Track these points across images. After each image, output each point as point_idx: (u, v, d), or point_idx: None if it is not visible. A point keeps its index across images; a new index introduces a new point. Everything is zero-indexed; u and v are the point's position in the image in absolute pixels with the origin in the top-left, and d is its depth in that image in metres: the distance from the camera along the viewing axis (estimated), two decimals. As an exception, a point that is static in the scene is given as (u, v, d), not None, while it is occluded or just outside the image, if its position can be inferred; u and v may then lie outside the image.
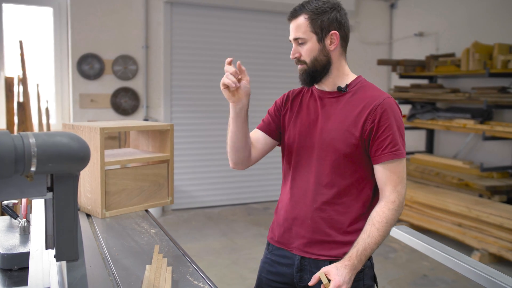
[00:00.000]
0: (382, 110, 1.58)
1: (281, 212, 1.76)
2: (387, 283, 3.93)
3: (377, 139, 1.59)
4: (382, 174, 1.60)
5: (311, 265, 1.67)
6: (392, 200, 1.58)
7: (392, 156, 1.58)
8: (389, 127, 1.58)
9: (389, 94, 1.67)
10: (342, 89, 1.65)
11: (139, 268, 1.52)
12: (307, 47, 1.62)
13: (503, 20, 5.47)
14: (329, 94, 1.68)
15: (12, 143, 0.93)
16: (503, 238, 4.24)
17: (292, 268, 1.71)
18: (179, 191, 6.01)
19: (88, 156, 1.05)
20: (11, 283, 1.44)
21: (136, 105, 5.77)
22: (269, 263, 1.79)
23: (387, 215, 1.56)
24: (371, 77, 7.05)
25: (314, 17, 1.61)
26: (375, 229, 1.55)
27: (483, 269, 1.68)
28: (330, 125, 1.63)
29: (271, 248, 1.81)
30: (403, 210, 1.62)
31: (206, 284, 1.44)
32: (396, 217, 1.58)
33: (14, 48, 5.26)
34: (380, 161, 1.59)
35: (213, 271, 4.05)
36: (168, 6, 5.76)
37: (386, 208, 1.57)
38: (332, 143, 1.61)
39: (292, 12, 1.65)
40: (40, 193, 1.06)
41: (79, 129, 2.14)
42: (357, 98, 1.63)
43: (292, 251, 1.71)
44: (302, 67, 1.65)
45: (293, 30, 1.64)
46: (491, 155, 5.59)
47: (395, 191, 1.59)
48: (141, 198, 2.25)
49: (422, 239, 1.91)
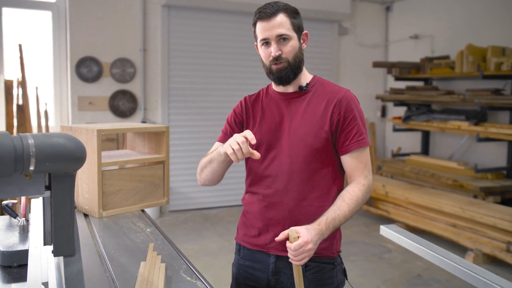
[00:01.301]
0: (346, 103, 1.65)
1: (256, 214, 1.75)
2: (382, 283, 3.98)
3: (344, 130, 1.65)
4: (351, 163, 1.66)
5: (287, 267, 1.68)
6: (362, 183, 1.64)
7: (358, 145, 1.64)
8: (354, 118, 1.65)
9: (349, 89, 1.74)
10: (304, 88, 1.71)
11: (134, 265, 1.57)
12: (291, 44, 1.64)
13: (497, 23, 5.53)
14: (291, 94, 1.72)
15: (11, 143, 0.98)
16: (496, 238, 4.30)
17: (266, 272, 1.73)
18: (176, 192, 6.06)
19: (84, 156, 1.10)
20: (11, 280, 1.49)
21: (134, 107, 5.82)
22: (243, 269, 1.80)
23: (357, 194, 1.61)
24: (367, 79, 7.13)
25: (292, 17, 1.66)
26: (345, 204, 1.59)
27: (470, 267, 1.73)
28: (298, 122, 1.67)
29: (242, 252, 1.82)
30: (370, 195, 1.68)
31: (199, 280, 1.49)
32: (365, 198, 1.63)
33: (14, 52, 5.32)
34: (349, 151, 1.65)
35: (209, 272, 4.10)
36: (165, 9, 5.82)
37: (356, 188, 1.63)
38: (303, 139, 1.65)
39: (270, 10, 1.64)
40: (39, 192, 1.11)
41: (76, 131, 2.19)
42: (319, 95, 1.69)
43: (269, 251, 1.72)
44: (283, 65, 1.65)
45: (276, 27, 1.63)
46: (486, 156, 5.65)
47: (364, 176, 1.66)
48: (137, 198, 2.30)
49: (412, 238, 1.96)
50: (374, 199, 5.86)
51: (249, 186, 1.79)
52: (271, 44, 1.64)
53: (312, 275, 1.68)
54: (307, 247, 1.45)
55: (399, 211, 5.45)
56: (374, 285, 3.94)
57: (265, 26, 1.64)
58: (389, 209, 5.60)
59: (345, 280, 1.78)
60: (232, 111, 1.84)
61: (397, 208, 5.49)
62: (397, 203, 5.47)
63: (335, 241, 1.72)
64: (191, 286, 1.44)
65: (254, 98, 1.82)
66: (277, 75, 1.66)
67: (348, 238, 5.11)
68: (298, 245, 1.45)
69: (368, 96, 7.12)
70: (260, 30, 1.67)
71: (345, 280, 1.79)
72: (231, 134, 1.76)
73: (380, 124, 7.40)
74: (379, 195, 5.71)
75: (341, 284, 1.75)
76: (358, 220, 5.83)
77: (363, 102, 7.09)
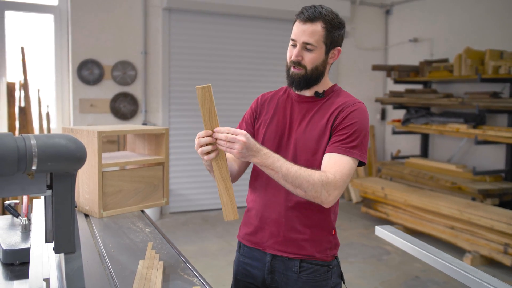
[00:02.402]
0: (352, 110, 1.64)
1: (254, 212, 1.79)
2: (379, 284, 4.01)
3: (337, 133, 1.62)
4: (327, 162, 1.59)
5: (282, 266, 1.72)
6: (327, 176, 1.54)
7: (341, 150, 1.59)
8: (352, 125, 1.61)
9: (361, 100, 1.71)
10: (319, 94, 1.72)
11: (133, 264, 1.61)
12: (314, 55, 1.64)
13: (496, 27, 5.58)
14: (307, 98, 1.74)
15: (15, 144, 1.02)
16: (494, 240, 4.33)
17: (263, 270, 1.76)
18: (176, 194, 6.10)
19: (85, 156, 1.14)
20: (13, 277, 1.53)
21: (135, 109, 5.87)
22: (242, 267, 1.84)
23: (315, 176, 1.53)
24: (367, 82, 7.17)
25: (329, 29, 1.63)
26: (297, 168, 1.53)
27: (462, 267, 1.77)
28: (303, 127, 1.69)
29: (242, 250, 1.85)
30: (322, 196, 1.53)
31: (195, 278, 1.53)
32: (318, 187, 1.52)
33: (16, 54, 5.37)
34: (329, 151, 1.60)
35: (209, 272, 4.14)
36: (166, 12, 5.87)
37: (320, 173, 1.55)
38: (306, 143, 1.67)
39: (309, 15, 1.62)
40: (40, 191, 1.16)
41: (78, 133, 2.23)
42: (331, 104, 1.69)
43: (265, 249, 1.75)
44: (299, 72, 1.66)
45: (306, 34, 1.62)
46: (484, 159, 5.68)
47: (334, 176, 1.55)
48: (137, 199, 2.34)
49: (406, 239, 2.00)
50: (373, 201, 5.89)
51: (250, 184, 1.83)
52: (297, 47, 1.65)
53: (306, 276, 1.71)
54: (239, 138, 1.47)
55: (398, 213, 5.48)
56: (372, 287, 3.97)
57: (298, 28, 1.64)
58: (388, 211, 5.63)
59: (341, 283, 1.81)
60: (249, 109, 1.87)
61: (396, 210, 5.52)
62: (396, 205, 5.50)
63: (330, 246, 1.74)
64: (188, 283, 1.48)
65: (270, 96, 1.84)
66: (291, 78, 1.69)
67: (347, 240, 5.14)
68: (234, 131, 1.49)
69: (367, 99, 7.16)
70: (293, 29, 1.67)
71: (342, 283, 1.82)
72: (247, 131, 1.78)
73: (380, 127, 7.44)
74: (378, 197, 5.74)
75: (336, 286, 1.77)
76: (357, 222, 5.87)
77: (363, 105, 7.15)
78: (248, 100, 6.22)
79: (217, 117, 1.54)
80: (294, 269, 1.71)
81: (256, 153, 1.52)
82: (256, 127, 1.81)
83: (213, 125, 1.54)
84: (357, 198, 6.87)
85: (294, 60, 1.65)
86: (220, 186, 1.56)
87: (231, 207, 1.57)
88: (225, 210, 1.57)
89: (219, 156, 1.54)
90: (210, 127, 1.53)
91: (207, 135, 1.53)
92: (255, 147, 1.52)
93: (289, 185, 1.55)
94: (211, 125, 1.53)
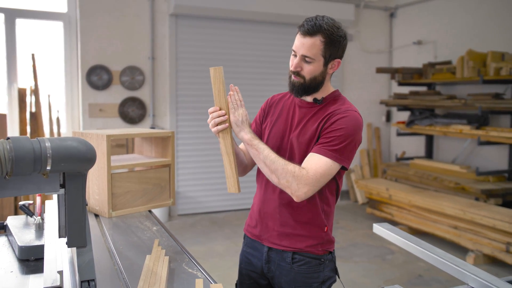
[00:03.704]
0: (341, 116, 1.71)
1: (256, 206, 1.93)
2: (383, 283, 4.08)
3: (323, 136, 1.70)
4: (306, 160, 1.68)
5: (277, 257, 1.85)
6: (301, 171, 1.64)
7: (321, 151, 1.66)
8: (338, 130, 1.68)
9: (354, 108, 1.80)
10: (318, 101, 1.81)
11: (140, 259, 1.71)
12: (312, 67, 1.71)
13: (499, 29, 5.63)
14: (306, 103, 1.83)
15: (31, 146, 1.13)
16: (496, 239, 4.38)
17: (261, 260, 1.90)
18: (184, 196, 6.21)
19: (94, 157, 1.24)
20: (29, 271, 1.63)
21: (143, 114, 5.99)
22: (245, 256, 1.99)
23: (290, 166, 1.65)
24: (371, 85, 7.24)
25: (328, 43, 1.68)
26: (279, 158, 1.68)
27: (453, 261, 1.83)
28: (299, 130, 1.79)
29: (246, 240, 2.00)
30: (292, 187, 1.64)
31: (199, 271, 1.62)
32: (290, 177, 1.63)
33: (27, 61, 5.51)
34: (312, 151, 1.69)
35: (216, 272, 4.23)
36: (173, 18, 5.99)
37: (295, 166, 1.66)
38: (299, 146, 1.77)
39: (309, 28, 1.67)
40: (54, 189, 1.26)
41: (87, 136, 2.34)
42: (326, 109, 1.78)
43: (263, 242, 1.88)
44: (299, 81, 1.75)
45: (304, 48, 1.69)
46: (488, 159, 5.73)
47: (307, 172, 1.64)
48: (145, 200, 2.44)
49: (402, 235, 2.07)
50: (378, 202, 5.96)
51: (256, 180, 1.96)
52: (296, 58, 1.73)
53: (298, 267, 1.82)
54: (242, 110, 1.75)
55: (402, 213, 5.55)
56: (375, 285, 4.04)
57: (298, 41, 1.71)
58: (392, 212, 5.70)
59: (335, 277, 1.90)
60: (260, 110, 2.00)
61: (401, 211, 5.58)
62: (401, 206, 5.57)
63: (322, 242, 1.83)
64: (192, 276, 1.58)
65: (278, 98, 1.96)
66: (291, 85, 1.79)
67: (352, 240, 5.21)
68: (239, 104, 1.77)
69: (372, 101, 7.24)
70: (295, 40, 1.74)
71: (336, 278, 1.91)
72: (256, 130, 1.95)
73: (385, 128, 7.50)
74: (382, 198, 5.81)
75: (329, 280, 1.86)
76: (363, 223, 5.94)
77: (368, 107, 7.23)
78: (255, 103, 6.27)
79: (226, 95, 1.77)
80: (287, 260, 1.82)
81: (249, 130, 1.74)
82: (263, 126, 1.94)
83: (221, 102, 1.77)
84: (363, 199, 6.94)
85: (294, 71, 1.75)
86: (224, 160, 1.77)
87: (232, 180, 1.76)
88: (228, 183, 1.78)
89: (225, 131, 1.76)
90: (219, 104, 1.77)
91: (215, 110, 1.76)
92: (249, 124, 1.76)
93: (266, 169, 1.71)
94: (219, 102, 1.77)
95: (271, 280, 1.90)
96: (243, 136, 1.74)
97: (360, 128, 1.73)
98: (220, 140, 1.78)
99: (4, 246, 1.89)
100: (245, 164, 1.95)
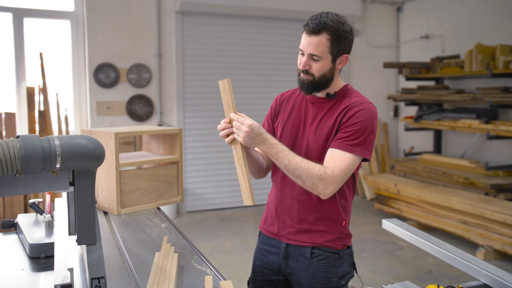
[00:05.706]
0: (358, 109, 1.71)
1: (272, 204, 1.93)
2: (392, 279, 4.08)
3: (342, 130, 1.71)
4: (328, 157, 1.70)
5: (296, 252, 1.84)
6: (326, 171, 1.65)
7: (343, 147, 1.68)
8: (356, 124, 1.69)
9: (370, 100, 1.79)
10: (331, 96, 1.81)
11: (149, 256, 1.72)
12: (320, 64, 1.71)
13: (505, 22, 5.58)
14: (319, 99, 1.83)
15: (40, 144, 1.13)
16: (506, 234, 4.36)
17: (279, 256, 1.89)
18: (192, 193, 6.22)
19: (103, 155, 1.25)
20: (39, 269, 1.65)
21: (150, 111, 6.00)
22: (261, 252, 1.97)
23: (315, 169, 1.65)
24: (379, 79, 7.21)
25: (334, 39, 1.68)
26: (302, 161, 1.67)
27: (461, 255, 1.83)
28: (316, 126, 1.79)
29: (262, 238, 1.99)
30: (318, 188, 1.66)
31: (208, 268, 1.63)
32: (316, 180, 1.64)
33: (35, 60, 5.54)
34: (332, 147, 1.70)
35: (225, 268, 4.24)
36: (179, 16, 5.99)
37: (320, 167, 1.66)
38: (316, 141, 1.77)
39: (314, 27, 1.68)
40: (64, 187, 1.27)
41: (96, 134, 2.35)
42: (341, 103, 1.77)
43: (280, 239, 1.88)
44: (308, 78, 1.75)
45: (311, 46, 1.69)
46: (497, 154, 5.69)
47: (332, 171, 1.65)
48: (153, 197, 2.45)
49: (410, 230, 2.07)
50: (386, 198, 5.94)
51: (272, 178, 1.96)
52: (304, 57, 1.73)
53: (317, 262, 1.81)
54: (243, 128, 1.65)
55: (411, 209, 5.53)
56: (384, 281, 4.04)
57: (304, 40, 1.72)
58: (401, 207, 5.68)
59: (353, 272, 1.90)
60: (270, 108, 1.99)
61: (409, 206, 5.56)
62: (409, 201, 5.55)
63: (341, 236, 1.84)
64: (201, 273, 1.58)
65: (288, 95, 1.95)
66: (301, 83, 1.79)
67: (361, 236, 5.21)
68: (242, 121, 1.67)
69: (380, 96, 7.21)
70: (301, 39, 1.75)
71: (354, 273, 1.91)
72: (269, 129, 1.95)
73: (393, 123, 7.47)
74: (391, 193, 5.79)
75: (347, 275, 1.87)
76: (371, 218, 5.92)
77: (376, 102, 7.14)
78: (263, 100, 6.32)
79: (235, 107, 1.73)
80: (306, 255, 1.82)
81: (262, 142, 1.69)
82: (275, 125, 1.93)
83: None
84: (371, 195, 6.92)
85: (303, 69, 1.75)
86: (238, 172, 1.75)
87: (247, 193, 1.74)
88: (243, 195, 1.76)
89: (236, 143, 1.73)
90: (230, 116, 1.73)
91: (225, 122, 1.72)
92: (260, 137, 1.68)
93: (290, 175, 1.70)
94: (229, 114, 1.73)
95: (289, 276, 1.89)
96: (261, 148, 1.73)
97: (376, 119, 1.75)
98: (233, 151, 1.76)
99: (15, 244, 1.91)
100: (265, 167, 1.95)
